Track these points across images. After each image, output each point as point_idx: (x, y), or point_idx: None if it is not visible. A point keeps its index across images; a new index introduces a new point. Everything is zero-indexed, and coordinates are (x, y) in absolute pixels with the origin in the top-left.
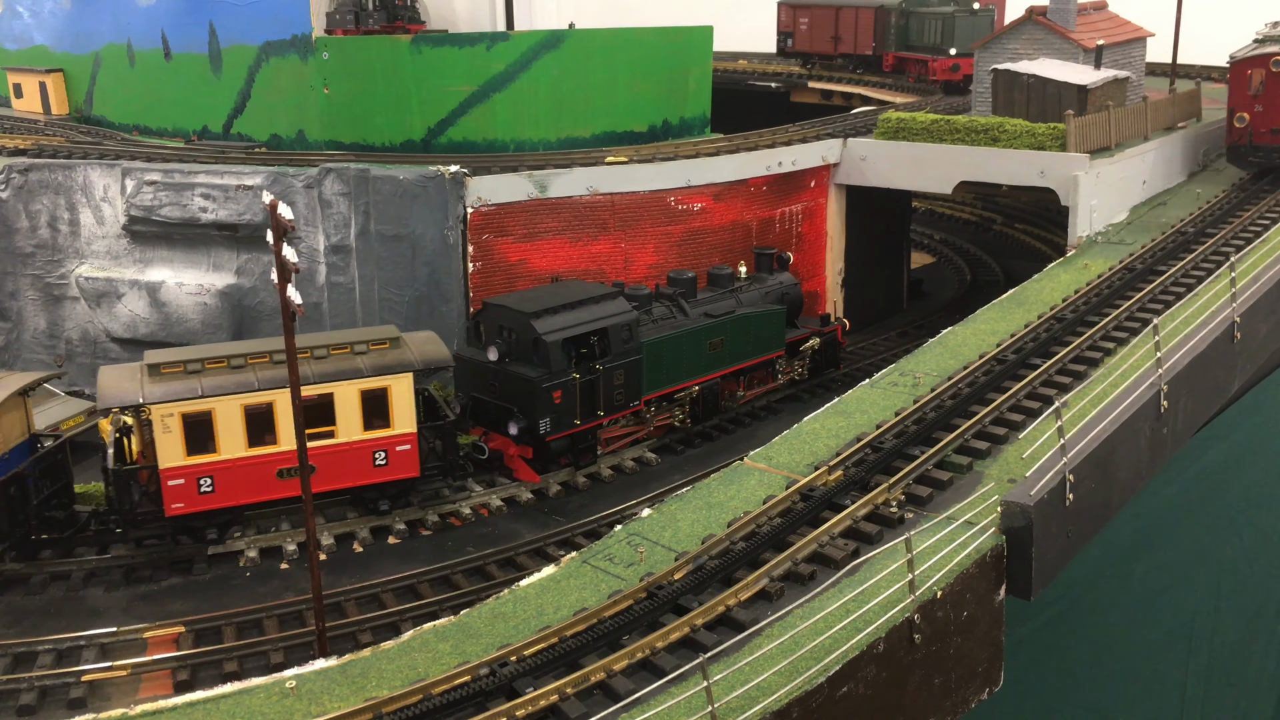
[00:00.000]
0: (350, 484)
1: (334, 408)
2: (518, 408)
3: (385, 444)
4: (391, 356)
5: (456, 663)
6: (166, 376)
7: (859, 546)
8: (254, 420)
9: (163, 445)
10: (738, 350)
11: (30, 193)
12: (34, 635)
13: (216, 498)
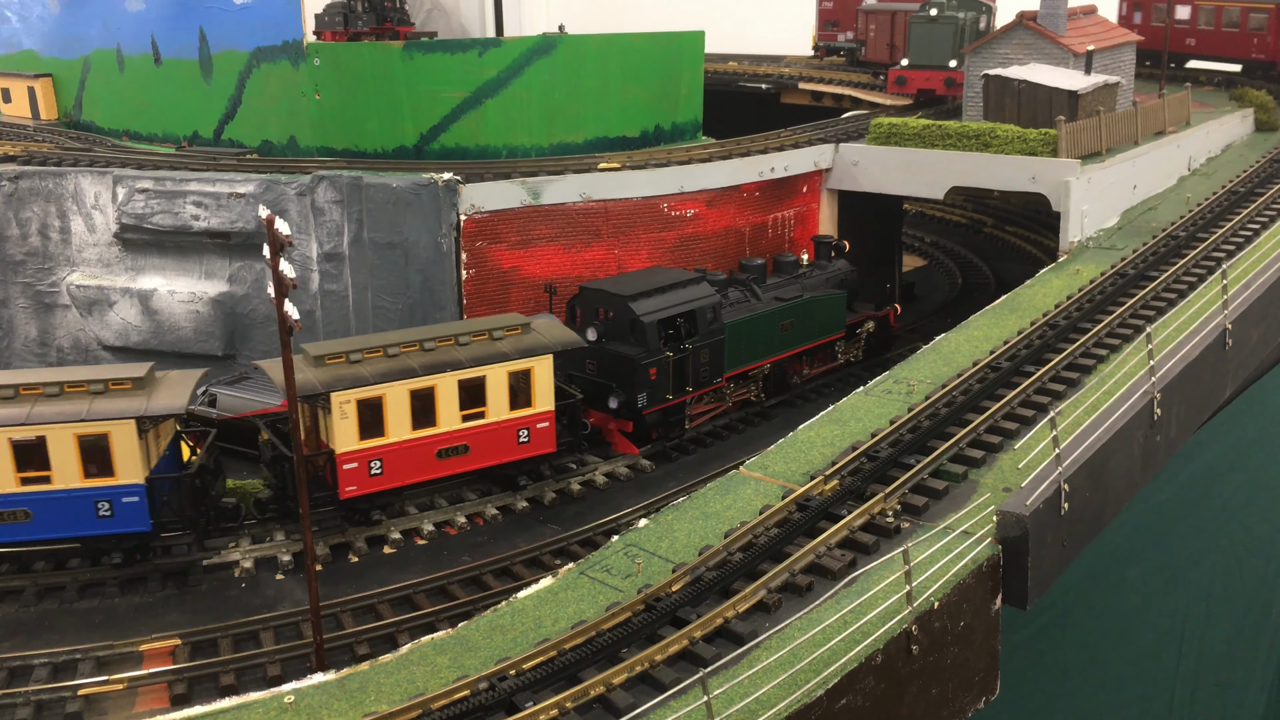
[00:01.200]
0: (498, 461)
1: (485, 390)
2: (616, 384)
3: (528, 422)
4: (529, 340)
5: (455, 676)
6: (332, 366)
7: (856, 557)
8: (418, 404)
9: (339, 431)
10: (804, 332)
11: (20, 200)
12: (28, 649)
13: (384, 479)
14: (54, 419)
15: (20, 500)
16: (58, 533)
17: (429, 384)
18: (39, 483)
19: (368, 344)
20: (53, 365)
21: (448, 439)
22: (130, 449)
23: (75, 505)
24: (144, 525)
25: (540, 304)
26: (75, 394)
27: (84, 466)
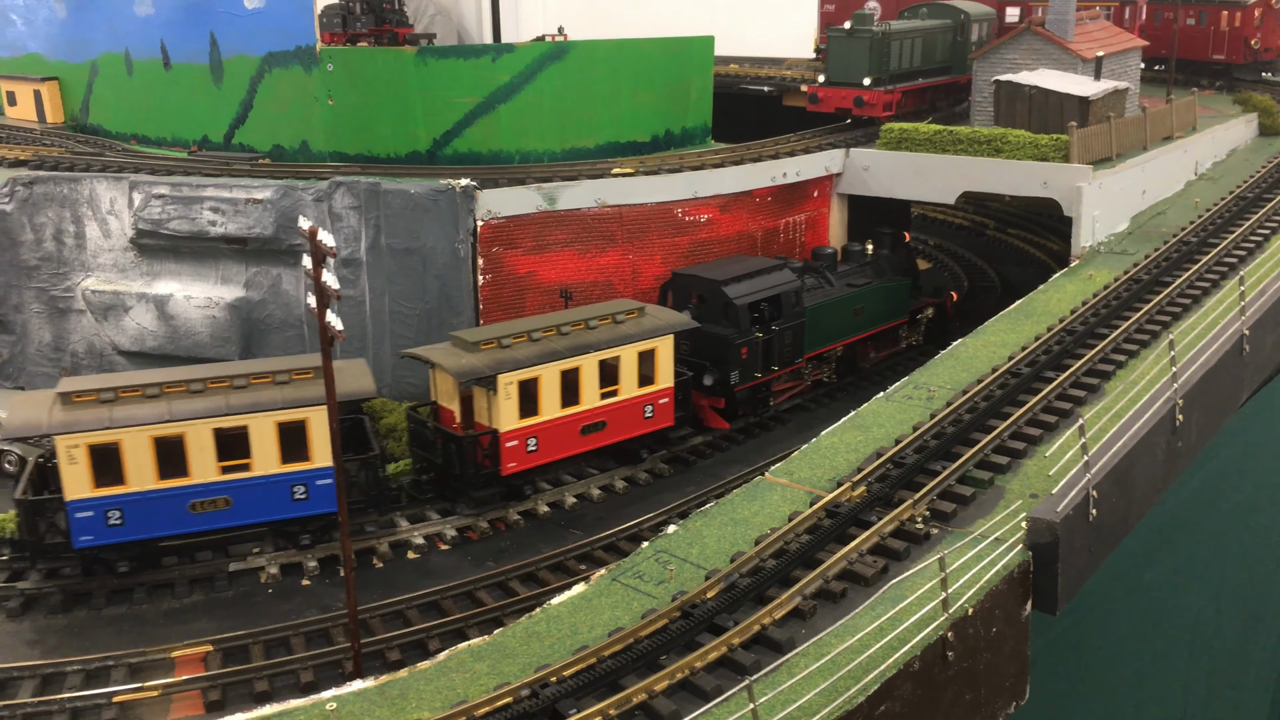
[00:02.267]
0: (629, 435)
1: (619, 369)
2: (710, 363)
3: (652, 398)
4: (650, 322)
5: (495, 683)
6: (488, 351)
7: (888, 564)
8: (567, 384)
9: (503, 411)
10: (873, 316)
11: (35, 205)
12: (60, 655)
13: (539, 455)
14: (256, 408)
15: (221, 489)
16: (256, 518)
17: (575, 365)
18: (239, 470)
19: (513, 329)
20: (66, 370)
21: (590, 416)
22: (320, 434)
23: (273, 490)
24: (326, 508)
25: (556, 308)
26: (261, 385)
27: (282, 452)
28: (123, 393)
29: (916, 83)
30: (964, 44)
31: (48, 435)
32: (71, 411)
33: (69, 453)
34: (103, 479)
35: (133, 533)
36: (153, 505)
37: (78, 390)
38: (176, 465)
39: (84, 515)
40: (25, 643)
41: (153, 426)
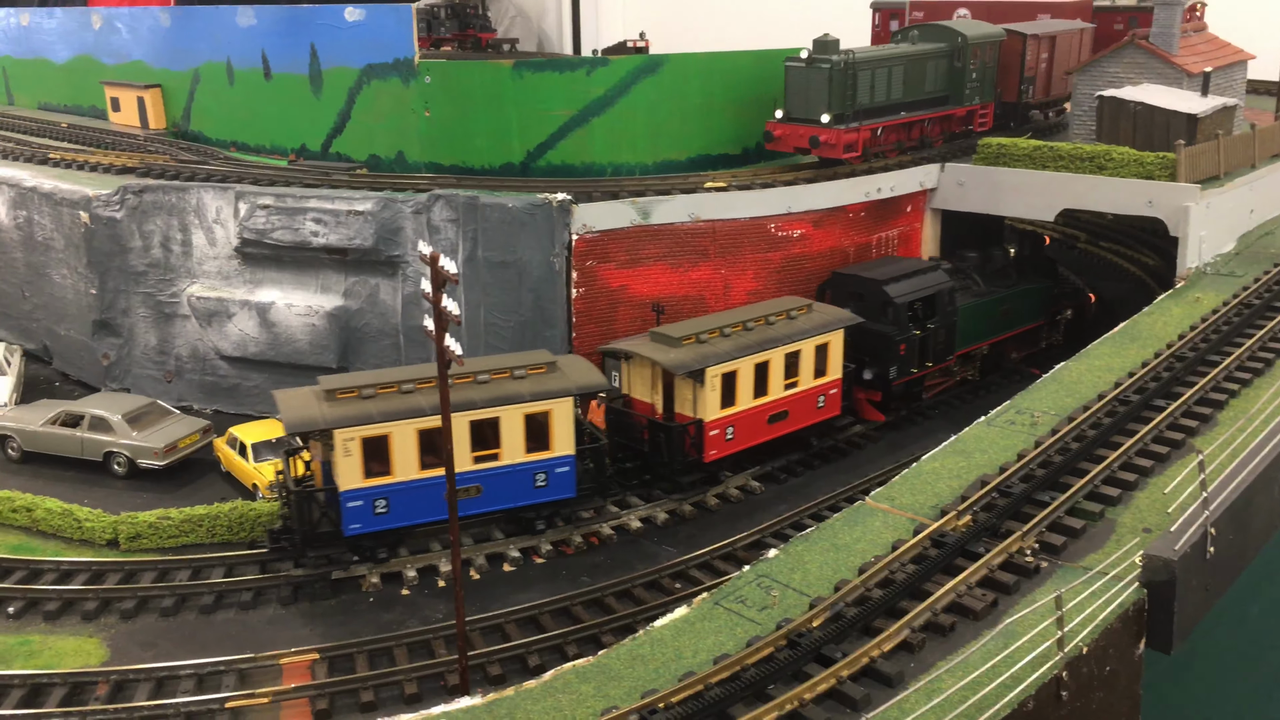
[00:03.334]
0: (806, 424)
1: (800, 362)
2: (869, 358)
3: (824, 389)
4: (819, 318)
5: (601, 706)
6: (689, 346)
7: (998, 597)
8: (759, 376)
9: (708, 401)
10: (1017, 317)
11: (144, 213)
12: (172, 659)
13: (735, 443)
14: (507, 400)
15: (474, 477)
16: (503, 504)
17: (765, 358)
18: (489, 460)
19: (705, 325)
20: (170, 373)
21: (776, 406)
22: (567, 424)
23: (519, 478)
24: (571, 492)
25: (648, 322)
26: (501, 379)
27: (527, 442)
28: (381, 389)
29: (899, 117)
30: (962, 71)
31: (326, 430)
32: (340, 407)
33: (345, 445)
34: (372, 470)
35: (396, 520)
36: (415, 494)
37: (340, 387)
38: (436, 456)
39: (355, 505)
40: (139, 644)
41: (419, 419)
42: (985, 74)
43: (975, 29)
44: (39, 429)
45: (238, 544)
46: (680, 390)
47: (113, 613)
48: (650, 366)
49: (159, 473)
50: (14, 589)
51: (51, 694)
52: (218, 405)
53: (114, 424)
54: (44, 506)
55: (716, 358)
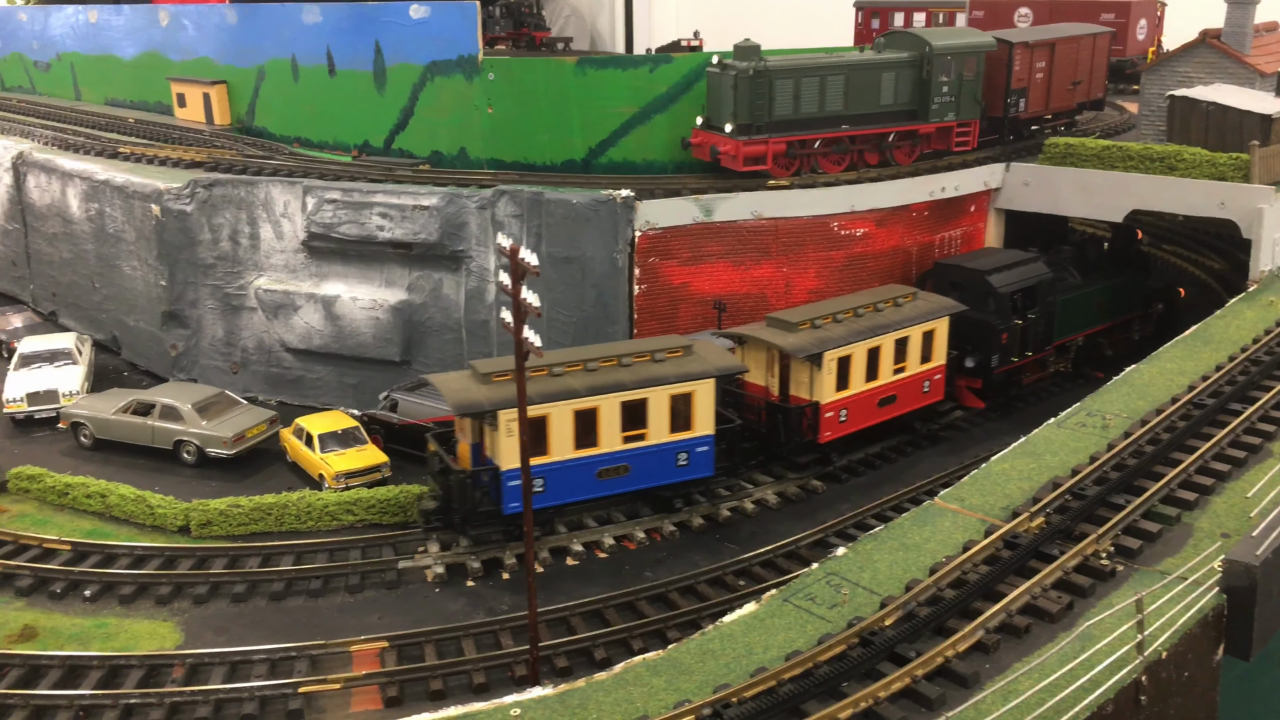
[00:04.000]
0: (911, 408)
1: (908, 348)
2: (972, 347)
3: (929, 375)
4: (925, 306)
5: (674, 700)
6: (805, 331)
7: (1073, 600)
8: (870, 360)
9: (824, 384)
10: (1112, 309)
11: (214, 207)
12: (243, 643)
13: (847, 425)
14: (655, 382)
15: (623, 457)
16: (648, 483)
17: (877, 343)
18: (636, 440)
19: (818, 311)
20: (235, 365)
21: (885, 390)
22: (708, 405)
23: (663, 457)
24: (709, 471)
25: (709, 320)
26: (641, 362)
27: (671, 422)
28: (533, 372)
29: (837, 130)
30: (928, 83)
31: (491, 411)
32: (498, 389)
33: (507, 426)
34: (532, 450)
35: (552, 499)
36: (569, 473)
37: (495, 370)
38: (589, 436)
39: (515, 484)
40: (212, 629)
41: (575, 400)
42: (962, 87)
43: (947, 37)
44: (111, 417)
45: (306, 532)
46: (797, 373)
47: (186, 597)
48: (767, 350)
49: (226, 462)
50: (90, 572)
51: (129, 675)
52: (282, 396)
53: (184, 413)
54: (118, 493)
55: (833, 342)
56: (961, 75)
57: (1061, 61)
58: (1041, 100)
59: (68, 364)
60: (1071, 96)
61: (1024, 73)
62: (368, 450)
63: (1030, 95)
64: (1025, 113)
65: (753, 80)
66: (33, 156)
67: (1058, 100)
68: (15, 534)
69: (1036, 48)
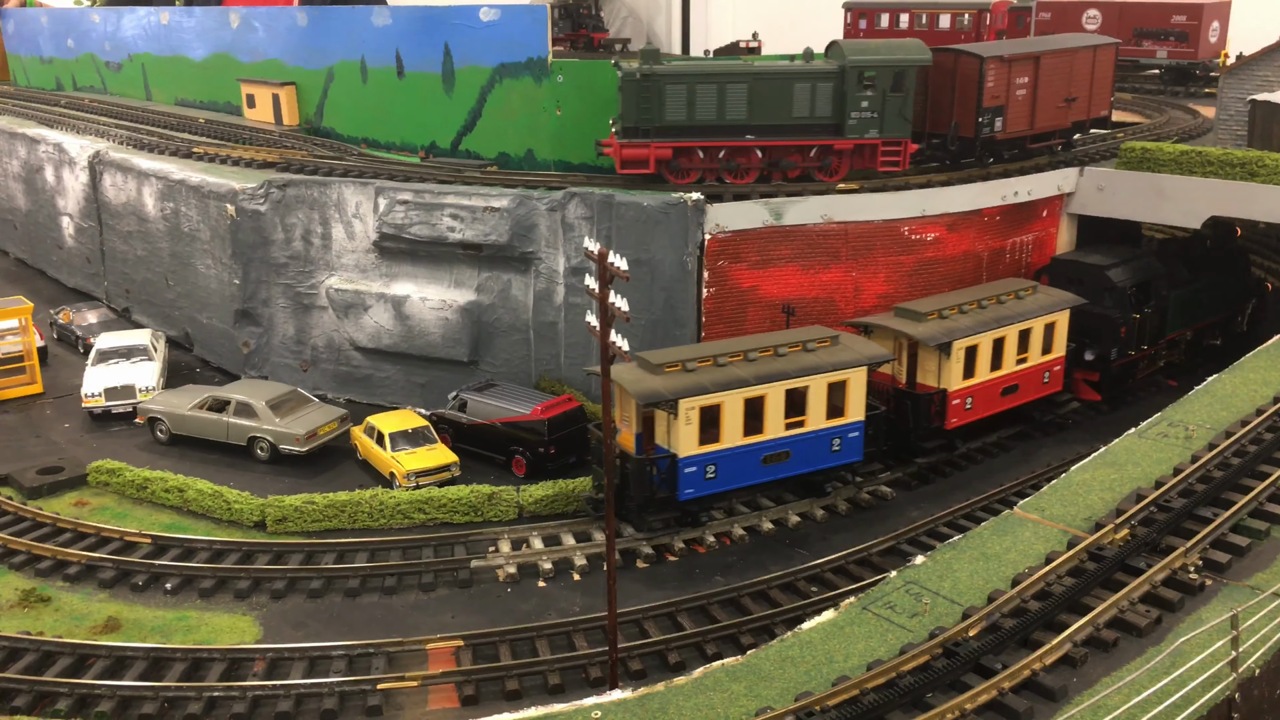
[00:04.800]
0: (1031, 398)
1: (1030, 339)
2: (1090, 340)
3: (1049, 366)
4: (1046, 299)
5: (754, 707)
6: (932, 321)
7: (1161, 614)
8: (996, 350)
9: (953, 372)
10: (1215, 304)
11: (287, 207)
12: (321, 639)
13: (973, 413)
14: (815, 370)
15: (785, 443)
16: (805, 468)
17: (1002, 334)
18: (796, 427)
19: (947, 302)
20: (305, 363)
21: (1009, 380)
22: (860, 392)
23: (819, 443)
24: (859, 456)
25: (777, 323)
26: (794, 352)
27: (828, 409)
28: (699, 362)
29: (741, 140)
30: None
31: (672, 400)
32: (673, 379)
33: (686, 415)
34: (705, 438)
35: (722, 485)
36: (738, 460)
37: (665, 362)
38: (756, 423)
39: (691, 470)
40: (290, 624)
41: (744, 389)
42: (886, 104)
43: (871, 50)
44: (187, 413)
45: (379, 530)
46: (925, 361)
47: (264, 592)
48: (895, 338)
49: (299, 458)
50: (171, 566)
51: (211, 668)
52: (350, 395)
53: (258, 410)
54: (195, 487)
55: (960, 332)
56: (885, 91)
57: (1049, 77)
58: (1024, 119)
59: (144, 360)
60: (1065, 115)
61: (1000, 89)
62: (437, 449)
63: (1010, 114)
64: (1004, 133)
65: (640, 84)
66: (109, 156)
67: (1045, 119)
68: (97, 526)
69: (1016, 62)
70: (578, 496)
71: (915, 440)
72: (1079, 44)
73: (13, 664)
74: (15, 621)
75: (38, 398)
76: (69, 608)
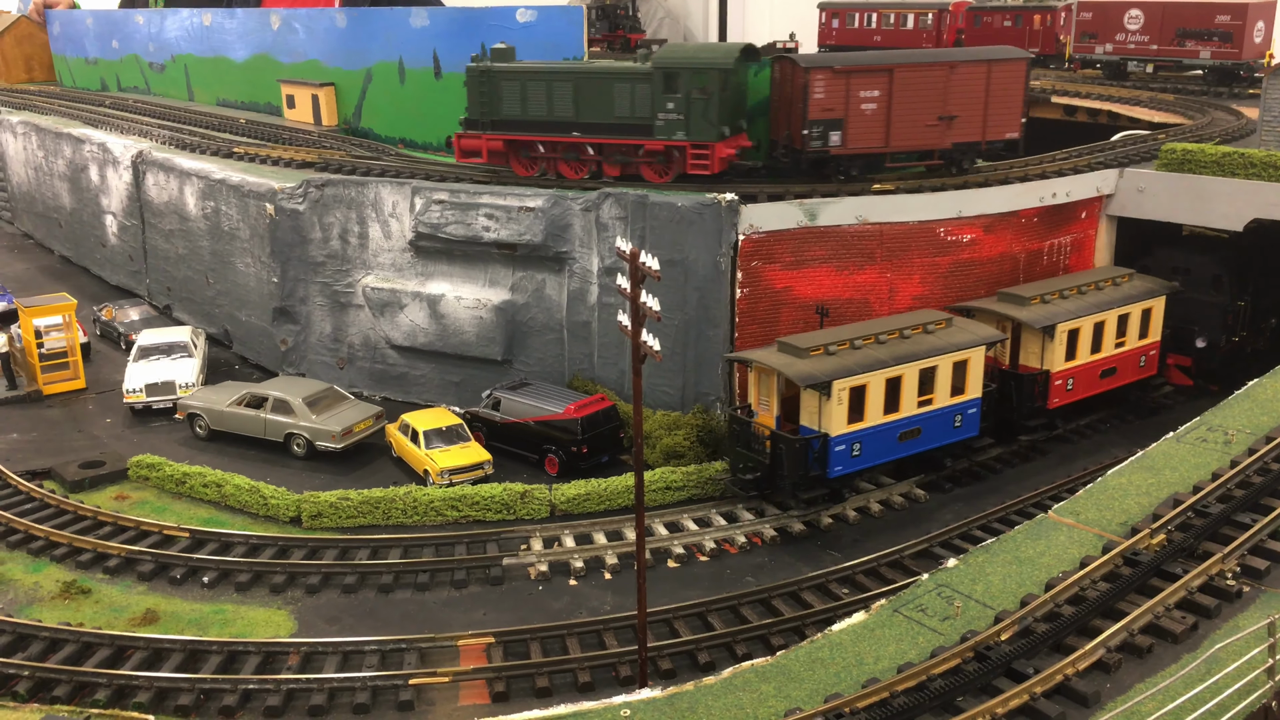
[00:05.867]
0: (1127, 381)
1: (1129, 322)
2: (1199, 327)
3: (1145, 350)
4: (1143, 285)
5: (783, 707)
6: (1037, 306)
7: (1198, 621)
8: (1095, 334)
9: (1056, 354)
10: None
11: (325, 206)
12: (354, 634)
13: (1073, 394)
14: (943, 350)
15: (917, 420)
16: (932, 444)
17: (1101, 318)
18: (926, 405)
19: (1047, 288)
20: (342, 360)
21: (1107, 362)
22: (978, 370)
23: (945, 419)
24: (975, 431)
25: (810, 324)
26: (916, 334)
27: (952, 387)
28: (838, 345)
29: (569, 136)
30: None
31: (826, 382)
32: (820, 362)
33: (838, 395)
34: (852, 417)
35: (865, 462)
36: (879, 437)
37: (809, 345)
38: (894, 402)
39: (840, 449)
40: (324, 619)
41: (886, 370)
42: (691, 106)
43: (679, 53)
44: (225, 409)
45: (412, 527)
46: (1029, 343)
47: (299, 586)
48: (998, 321)
49: (334, 455)
50: (208, 559)
51: (247, 661)
52: (386, 392)
53: (295, 407)
54: (233, 483)
55: (1064, 315)
56: (690, 94)
57: (909, 92)
58: (876, 135)
59: (184, 356)
60: (941, 134)
61: (834, 102)
62: (471, 447)
63: (851, 128)
64: (843, 148)
65: (479, 79)
66: (152, 155)
67: (908, 137)
68: (137, 520)
69: (857, 75)
70: (713, 479)
71: (1019, 419)
72: (965, 58)
73: (53, 654)
74: (56, 613)
75: (81, 393)
76: (109, 600)
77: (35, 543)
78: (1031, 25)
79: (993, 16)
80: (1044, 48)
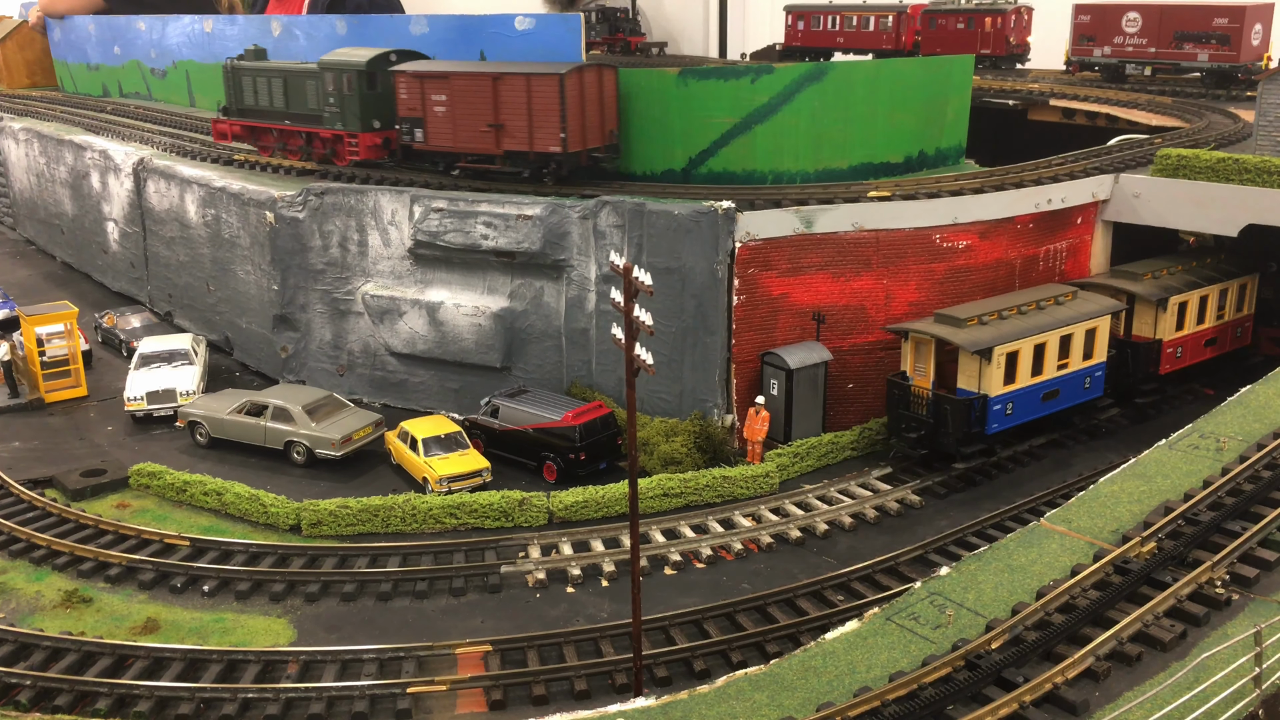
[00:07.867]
0: (1226, 350)
1: (1228, 298)
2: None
3: (1241, 321)
4: (1233, 265)
5: (776, 715)
6: (1149, 281)
7: (1187, 629)
8: (1201, 307)
9: (1167, 324)
10: None
11: (325, 214)
12: (353, 642)
13: (1181, 361)
14: (1077, 319)
15: (1057, 382)
16: (1067, 403)
17: (1206, 292)
18: (1063, 368)
19: (1155, 266)
20: (342, 367)
21: (1208, 334)
22: (1105, 337)
23: (1078, 381)
24: (1100, 392)
25: (808, 331)
26: (1050, 305)
27: (1084, 353)
28: (987, 316)
29: (280, 124)
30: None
31: (988, 348)
32: (976, 331)
33: (998, 360)
34: (1006, 380)
35: (1016, 420)
36: (1027, 398)
37: (965, 316)
38: (1039, 365)
39: (998, 408)
40: (324, 627)
41: (1034, 337)
42: (344, 101)
43: (338, 55)
44: (226, 417)
45: (411, 534)
46: (1142, 314)
47: (298, 595)
48: (1113, 295)
49: (334, 463)
50: (209, 568)
51: (246, 670)
52: (385, 399)
53: (295, 415)
54: (233, 491)
55: (1175, 289)
56: (341, 90)
57: (461, 99)
58: (446, 136)
59: (185, 364)
60: (495, 140)
61: (414, 102)
62: (470, 455)
63: (429, 127)
64: (425, 144)
65: (229, 75)
66: (153, 163)
67: (467, 140)
68: (138, 529)
69: (428, 79)
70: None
71: (1134, 384)
72: (508, 70)
73: (55, 663)
74: (58, 622)
75: (82, 400)
76: (110, 609)
77: (37, 551)
78: (983, 27)
79: (946, 19)
80: (995, 49)
